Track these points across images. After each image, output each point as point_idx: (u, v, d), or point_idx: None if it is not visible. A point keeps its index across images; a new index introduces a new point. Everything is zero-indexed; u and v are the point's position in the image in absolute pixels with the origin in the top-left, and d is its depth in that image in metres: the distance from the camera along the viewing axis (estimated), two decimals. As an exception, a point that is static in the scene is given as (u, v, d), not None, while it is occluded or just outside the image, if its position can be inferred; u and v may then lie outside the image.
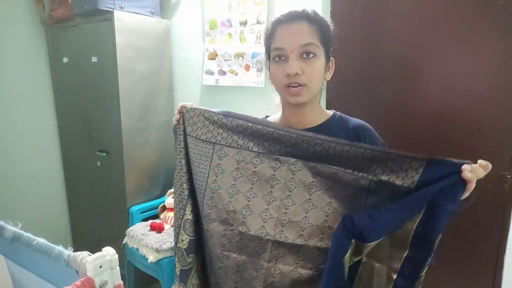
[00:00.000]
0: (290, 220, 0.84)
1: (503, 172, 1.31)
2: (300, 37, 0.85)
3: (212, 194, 0.92)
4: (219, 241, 0.92)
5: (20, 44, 2.45)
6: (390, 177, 0.78)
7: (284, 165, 0.86)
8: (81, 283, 0.67)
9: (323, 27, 0.89)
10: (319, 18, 0.89)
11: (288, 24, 0.88)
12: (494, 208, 1.35)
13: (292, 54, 0.86)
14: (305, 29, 0.86)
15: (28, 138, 2.56)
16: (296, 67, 0.85)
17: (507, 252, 1.33)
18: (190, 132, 0.97)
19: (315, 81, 0.88)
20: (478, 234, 1.40)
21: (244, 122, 0.92)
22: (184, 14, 2.37)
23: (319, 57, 0.87)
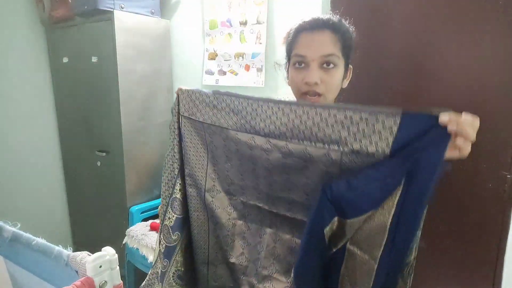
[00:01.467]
0: (277, 196, 0.87)
1: (503, 172, 1.31)
2: (322, 47, 0.85)
3: (214, 167, 0.96)
4: (226, 210, 0.96)
5: (20, 44, 2.45)
6: (361, 144, 0.69)
7: (258, 146, 0.85)
8: (80, 283, 0.67)
9: (346, 37, 0.89)
10: (344, 28, 0.89)
11: (312, 32, 0.87)
12: (494, 208, 1.35)
13: (313, 63, 0.86)
14: (328, 39, 0.86)
15: (28, 138, 2.56)
16: (316, 76, 0.85)
17: (507, 252, 1.33)
18: (183, 112, 1.00)
19: (333, 91, 0.89)
20: (478, 234, 1.40)
21: (230, 102, 0.90)
22: (184, 14, 2.37)
23: (339, 67, 0.87)
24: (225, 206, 0.97)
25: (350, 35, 0.91)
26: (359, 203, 0.69)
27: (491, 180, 1.33)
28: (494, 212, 1.35)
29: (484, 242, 1.39)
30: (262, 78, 2.00)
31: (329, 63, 0.85)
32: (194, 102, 0.96)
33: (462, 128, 0.61)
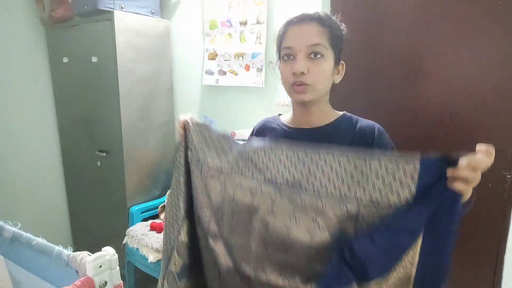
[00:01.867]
0: (269, 257, 0.76)
1: (503, 172, 1.31)
2: (308, 37, 0.86)
3: (213, 211, 0.87)
4: (226, 260, 0.85)
5: (20, 44, 2.45)
6: (382, 194, 0.65)
7: (262, 194, 0.77)
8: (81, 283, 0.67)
9: (334, 30, 0.89)
10: (331, 21, 0.90)
11: (299, 24, 0.89)
12: (494, 208, 1.35)
13: (300, 53, 0.87)
14: (314, 30, 0.86)
15: (28, 138, 2.56)
16: (303, 66, 0.85)
17: (507, 252, 1.33)
18: (191, 148, 0.91)
19: (321, 82, 0.88)
20: (478, 234, 1.40)
21: (238, 149, 0.84)
22: (184, 14, 2.37)
23: (327, 58, 0.87)
24: (225, 255, 0.84)
25: (339, 29, 0.91)
26: (384, 259, 0.64)
27: (491, 180, 1.33)
28: (494, 212, 1.35)
29: (484, 242, 1.39)
30: (262, 78, 2.00)
31: (316, 53, 0.86)
32: (205, 141, 0.89)
33: (459, 174, 0.61)
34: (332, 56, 0.89)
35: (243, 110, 2.15)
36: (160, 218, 2.28)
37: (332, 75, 0.91)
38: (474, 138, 1.36)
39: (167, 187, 2.47)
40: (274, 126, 1.02)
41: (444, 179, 0.62)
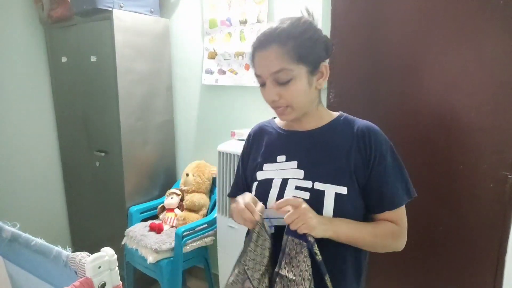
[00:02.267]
0: None
1: (504, 172, 1.31)
2: (270, 65, 0.83)
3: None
4: None
5: (19, 43, 2.44)
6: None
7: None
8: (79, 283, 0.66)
9: (302, 42, 0.83)
10: (296, 32, 0.83)
11: (261, 51, 0.85)
12: (495, 209, 1.34)
13: (268, 80, 0.85)
14: (274, 55, 0.83)
15: (26, 138, 2.56)
16: (272, 94, 0.85)
17: (508, 253, 1.33)
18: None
19: (297, 100, 0.86)
20: (479, 235, 1.40)
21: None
22: (183, 13, 2.36)
23: (297, 77, 0.84)
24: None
25: (307, 36, 0.85)
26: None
27: (492, 180, 1.33)
28: (495, 213, 1.34)
29: (485, 242, 1.38)
30: (262, 78, 1.99)
31: (282, 79, 0.83)
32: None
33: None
34: (305, 70, 0.84)
35: (243, 109, 2.15)
36: (159, 219, 2.28)
37: (310, 86, 0.87)
38: (474, 138, 1.36)
39: (166, 187, 2.47)
40: (269, 130, 1.02)
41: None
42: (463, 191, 1.40)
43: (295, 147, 0.93)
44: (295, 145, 0.94)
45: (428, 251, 1.54)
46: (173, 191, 2.26)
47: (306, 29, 0.85)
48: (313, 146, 0.92)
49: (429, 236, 1.52)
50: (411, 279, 1.60)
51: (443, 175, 1.45)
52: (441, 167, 1.45)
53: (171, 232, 2.08)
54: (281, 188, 0.90)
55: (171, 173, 2.57)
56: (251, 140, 1.06)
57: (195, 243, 2.06)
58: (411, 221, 0.99)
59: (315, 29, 0.87)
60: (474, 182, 1.37)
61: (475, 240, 1.40)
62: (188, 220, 2.10)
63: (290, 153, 0.93)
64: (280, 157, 0.94)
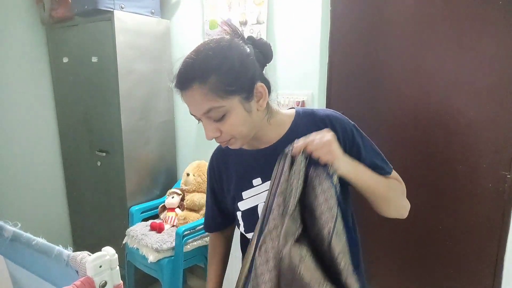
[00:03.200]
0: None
1: (503, 172, 1.31)
2: (198, 106, 0.76)
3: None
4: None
5: (20, 44, 2.45)
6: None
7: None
8: (80, 283, 0.67)
9: (224, 73, 0.74)
10: (215, 64, 0.74)
11: (183, 93, 0.77)
12: (494, 208, 1.35)
13: (203, 119, 0.79)
14: (198, 96, 0.74)
15: (28, 138, 2.57)
16: (211, 132, 0.79)
17: (507, 252, 1.33)
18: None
19: (240, 131, 0.79)
20: (478, 234, 1.40)
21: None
22: (184, 14, 2.37)
23: (232, 110, 0.76)
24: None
25: (230, 64, 0.75)
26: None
27: (491, 180, 1.34)
28: (494, 212, 1.35)
29: (484, 242, 1.39)
30: (262, 78, 2.00)
31: (214, 117, 0.76)
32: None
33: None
34: (237, 100, 0.76)
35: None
36: (160, 218, 2.28)
37: (250, 112, 0.79)
38: (474, 138, 1.37)
39: (167, 187, 2.48)
40: (232, 151, 0.92)
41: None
42: (462, 190, 1.41)
43: (266, 166, 0.86)
44: (265, 163, 0.87)
45: (427, 250, 1.54)
46: (174, 190, 2.27)
47: (225, 56, 0.75)
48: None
49: (428, 235, 1.52)
50: (411, 277, 1.61)
51: (443, 175, 1.45)
52: (440, 167, 1.46)
53: (171, 232, 2.08)
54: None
55: (171, 173, 2.57)
56: (216, 172, 1.00)
57: (195, 242, 2.07)
58: (410, 220, 0.99)
59: (237, 51, 0.77)
60: (473, 182, 1.38)
61: (474, 239, 1.41)
62: (188, 220, 2.11)
63: (264, 173, 0.88)
64: (256, 180, 0.90)
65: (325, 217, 0.73)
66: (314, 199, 0.75)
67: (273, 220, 0.77)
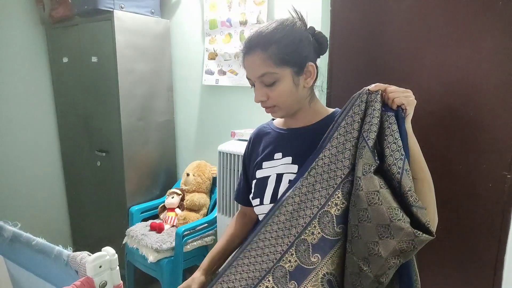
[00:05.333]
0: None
1: (503, 172, 1.31)
2: (255, 69, 0.88)
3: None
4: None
5: (19, 43, 2.45)
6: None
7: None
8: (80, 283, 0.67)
9: (284, 46, 0.87)
10: (278, 37, 0.87)
11: (247, 56, 0.90)
12: (494, 208, 1.35)
13: (256, 83, 0.90)
14: (258, 60, 0.87)
15: (27, 138, 2.57)
16: (259, 95, 0.90)
17: (507, 253, 1.33)
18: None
19: (284, 100, 0.90)
20: (478, 234, 1.40)
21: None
22: (184, 14, 2.37)
23: (282, 79, 0.88)
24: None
25: (290, 39, 0.88)
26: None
27: (491, 180, 1.33)
28: (494, 212, 1.35)
29: (484, 242, 1.39)
30: (262, 78, 2.00)
31: (267, 81, 0.88)
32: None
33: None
34: (289, 72, 0.88)
35: (243, 110, 2.15)
36: (160, 218, 2.28)
37: (297, 86, 0.90)
38: (474, 138, 1.36)
39: (166, 187, 2.48)
40: (268, 131, 1.05)
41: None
42: (462, 190, 1.41)
43: (290, 144, 0.97)
44: (290, 141, 0.97)
45: (427, 250, 1.54)
46: (174, 190, 2.27)
47: (288, 33, 0.88)
48: (307, 141, 0.95)
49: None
50: (411, 278, 1.61)
51: (442, 175, 1.45)
52: (440, 167, 1.45)
53: (171, 232, 2.08)
54: (276, 184, 0.93)
55: (171, 173, 2.57)
56: (250, 144, 1.09)
57: (195, 243, 2.06)
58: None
59: (298, 31, 0.90)
60: (473, 182, 1.38)
61: (474, 240, 1.41)
62: (188, 220, 2.11)
63: (286, 150, 0.97)
64: (277, 154, 0.98)
65: (394, 156, 0.78)
66: (384, 139, 0.81)
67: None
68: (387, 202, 0.75)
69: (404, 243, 0.74)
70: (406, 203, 0.76)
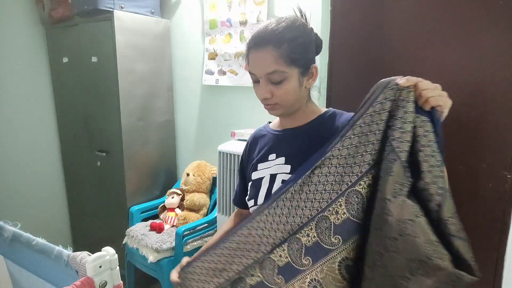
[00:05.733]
0: None
1: (504, 172, 1.31)
2: (265, 66, 0.87)
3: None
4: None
5: (20, 43, 2.45)
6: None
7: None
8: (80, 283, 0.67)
9: (295, 46, 0.86)
10: (290, 36, 0.86)
11: (256, 51, 0.88)
12: (494, 208, 1.35)
13: (261, 79, 0.89)
14: (269, 56, 0.86)
15: (28, 138, 2.56)
16: (265, 92, 0.89)
17: (507, 253, 1.33)
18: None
19: (287, 99, 0.90)
20: (478, 234, 1.40)
21: None
22: (184, 14, 2.37)
23: (289, 78, 0.88)
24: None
25: (301, 40, 0.88)
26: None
27: (492, 180, 1.33)
28: (494, 212, 1.35)
29: (485, 242, 1.39)
30: (262, 78, 2.00)
31: (275, 79, 0.87)
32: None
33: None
34: (296, 72, 0.88)
35: (243, 110, 2.15)
36: (160, 218, 2.28)
37: (301, 86, 0.91)
38: (474, 138, 1.36)
39: (166, 187, 2.48)
40: (264, 133, 1.06)
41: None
42: (463, 190, 1.41)
43: (284, 144, 0.98)
44: (284, 142, 0.98)
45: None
46: (174, 190, 2.27)
47: (300, 34, 0.89)
48: (299, 141, 0.95)
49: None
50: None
51: (442, 175, 1.45)
52: (440, 167, 1.45)
53: (171, 232, 2.08)
54: (270, 184, 0.94)
55: (171, 173, 2.57)
56: (248, 147, 1.11)
57: (195, 243, 2.06)
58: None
59: (308, 33, 0.91)
60: (473, 182, 1.38)
61: (474, 240, 1.41)
62: (188, 220, 2.11)
63: (280, 150, 0.98)
64: (271, 155, 0.99)
65: (434, 173, 0.65)
66: (419, 150, 0.66)
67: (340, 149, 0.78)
68: (424, 234, 0.62)
69: (442, 284, 0.62)
70: (445, 231, 0.65)
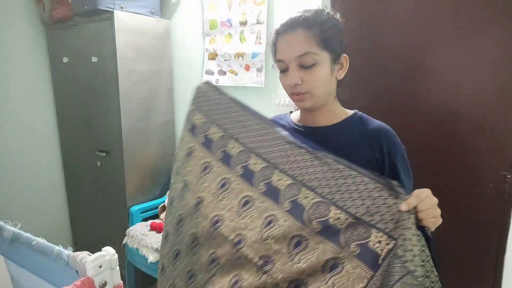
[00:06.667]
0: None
1: (504, 172, 1.31)
2: (295, 48, 0.84)
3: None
4: None
5: (20, 44, 2.44)
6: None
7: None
8: (81, 283, 0.67)
9: (326, 29, 0.84)
10: (320, 20, 0.85)
11: (285, 35, 0.86)
12: (494, 208, 1.35)
13: (291, 64, 0.85)
14: (301, 38, 0.83)
15: (28, 138, 2.56)
16: (295, 78, 0.84)
17: (507, 253, 1.33)
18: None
19: (319, 87, 0.86)
20: (478, 234, 1.40)
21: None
22: (184, 14, 2.37)
23: (321, 63, 0.84)
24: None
25: (331, 24, 0.86)
26: None
27: (491, 180, 1.34)
28: (494, 212, 1.35)
29: (484, 242, 1.39)
30: (262, 78, 2.00)
31: (307, 62, 0.84)
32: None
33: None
34: (328, 57, 0.85)
35: (243, 110, 2.15)
36: (160, 218, 2.28)
37: (332, 75, 0.88)
38: (473, 138, 1.37)
39: (167, 187, 2.47)
40: (283, 123, 1.02)
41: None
42: (463, 190, 1.41)
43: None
44: (305, 141, 0.93)
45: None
46: (174, 191, 2.27)
47: (329, 18, 0.87)
48: (324, 143, 0.89)
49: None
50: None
51: (443, 175, 1.45)
52: (440, 167, 1.46)
53: (171, 232, 2.08)
54: None
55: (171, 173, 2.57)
56: None
57: (195, 243, 2.06)
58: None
59: (337, 20, 0.90)
60: (474, 182, 1.38)
61: (475, 239, 1.41)
62: (188, 220, 2.11)
63: None
64: None
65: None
66: (421, 265, 0.65)
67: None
68: None
69: None
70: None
